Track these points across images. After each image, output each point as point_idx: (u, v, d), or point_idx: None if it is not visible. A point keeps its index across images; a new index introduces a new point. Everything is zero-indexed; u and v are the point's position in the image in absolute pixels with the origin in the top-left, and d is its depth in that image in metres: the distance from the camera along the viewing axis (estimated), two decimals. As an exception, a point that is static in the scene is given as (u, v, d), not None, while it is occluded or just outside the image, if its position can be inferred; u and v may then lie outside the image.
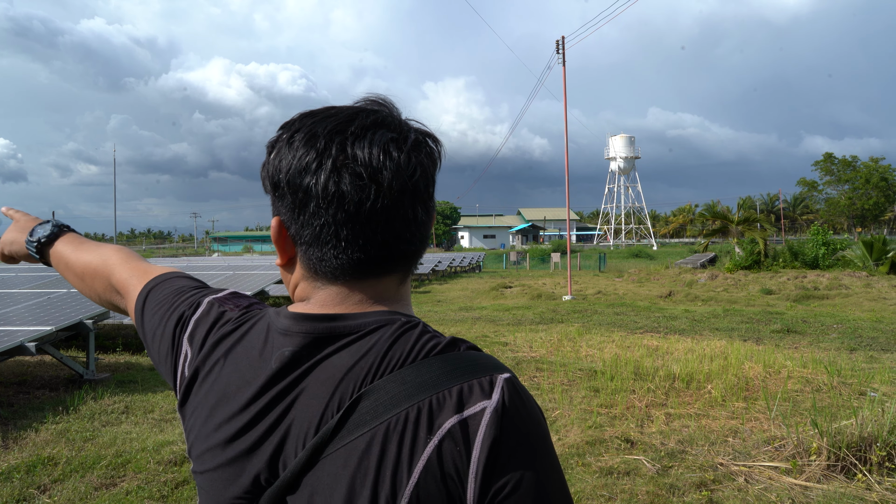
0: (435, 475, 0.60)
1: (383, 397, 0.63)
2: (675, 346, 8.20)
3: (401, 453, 0.60)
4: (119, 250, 1.04)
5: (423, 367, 0.64)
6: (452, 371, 0.64)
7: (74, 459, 4.17)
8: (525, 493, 0.60)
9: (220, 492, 0.69)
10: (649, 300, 16.04)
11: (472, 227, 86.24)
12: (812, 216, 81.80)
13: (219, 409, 0.71)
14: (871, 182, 68.32)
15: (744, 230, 28.37)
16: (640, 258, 45.11)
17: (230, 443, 0.69)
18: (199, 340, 0.78)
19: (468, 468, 0.60)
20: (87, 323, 6.51)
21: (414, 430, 0.61)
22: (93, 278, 1.00)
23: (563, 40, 18.55)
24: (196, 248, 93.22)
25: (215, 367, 0.74)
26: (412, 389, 0.63)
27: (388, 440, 0.61)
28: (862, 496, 3.46)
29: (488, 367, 0.65)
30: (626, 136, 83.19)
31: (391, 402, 0.63)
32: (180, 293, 0.87)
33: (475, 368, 0.65)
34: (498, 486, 0.60)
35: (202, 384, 0.75)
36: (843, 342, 8.87)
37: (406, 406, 0.62)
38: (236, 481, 0.68)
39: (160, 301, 0.87)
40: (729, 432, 4.60)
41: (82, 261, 1.02)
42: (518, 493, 0.60)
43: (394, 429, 0.61)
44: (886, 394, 5.50)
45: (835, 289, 17.18)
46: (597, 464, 4.02)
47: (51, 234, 1.07)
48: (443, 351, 0.66)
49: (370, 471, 0.61)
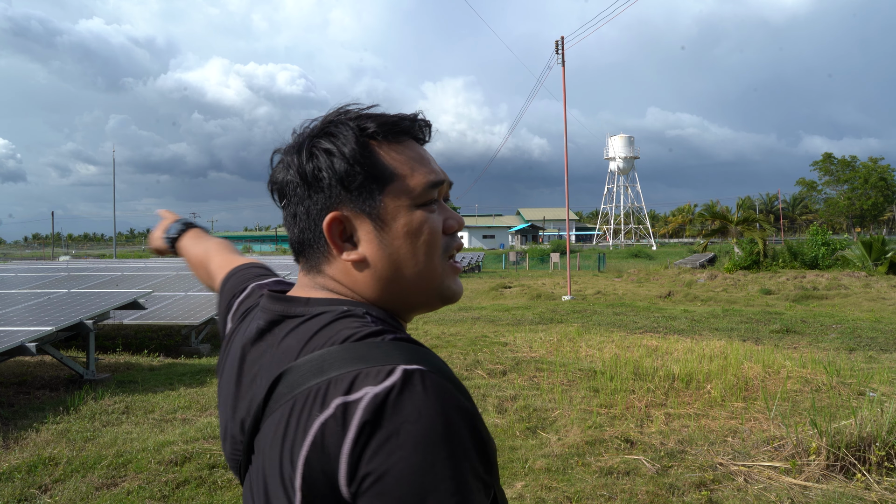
0: (318, 450, 0.63)
1: (296, 375, 0.69)
2: (674, 346, 8.21)
3: (298, 426, 0.65)
4: (219, 243, 1.27)
5: (335, 350, 0.69)
6: (358, 357, 0.67)
7: (75, 459, 4.17)
8: (387, 488, 0.60)
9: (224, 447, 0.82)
10: (649, 300, 16.05)
11: (471, 227, 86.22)
12: (811, 216, 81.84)
13: (223, 378, 0.85)
14: (870, 182, 68.32)
15: (743, 230, 28.39)
16: (640, 258, 45.14)
17: (222, 406, 0.83)
18: (237, 318, 0.93)
19: (341, 449, 0.62)
20: (87, 323, 6.51)
21: (311, 406, 0.65)
22: (199, 267, 1.26)
23: (563, 41, 18.57)
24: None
25: (233, 340, 0.88)
26: (319, 369, 0.67)
27: (293, 413, 0.66)
28: (861, 496, 3.47)
29: (397, 358, 0.67)
30: (625, 137, 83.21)
31: (301, 380, 0.68)
32: (244, 280, 1.04)
33: (381, 357, 0.67)
34: (364, 473, 0.61)
35: (225, 355, 0.88)
36: (842, 342, 8.89)
37: (313, 383, 0.66)
38: (226, 441, 0.81)
39: (230, 287, 1.04)
40: (728, 432, 4.61)
41: (193, 252, 1.29)
42: (380, 485, 0.60)
43: (299, 403, 0.66)
44: (885, 394, 5.52)
45: (834, 289, 17.20)
46: (596, 464, 4.03)
47: (179, 230, 1.35)
48: (363, 338, 0.70)
49: (281, 439, 0.66)
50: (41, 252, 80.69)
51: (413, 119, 0.84)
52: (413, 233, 0.79)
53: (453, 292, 0.83)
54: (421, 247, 0.79)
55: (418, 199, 0.80)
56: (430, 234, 0.80)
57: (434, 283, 0.81)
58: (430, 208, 0.81)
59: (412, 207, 0.80)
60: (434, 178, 0.82)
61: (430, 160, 0.84)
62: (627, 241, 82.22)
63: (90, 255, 68.54)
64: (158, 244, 1.38)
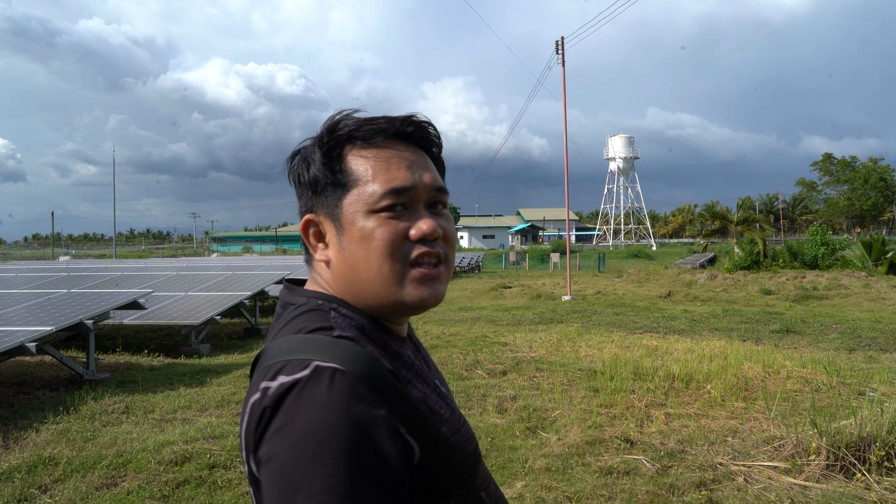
0: (248, 424, 0.71)
1: (262, 358, 0.78)
2: (674, 346, 8.21)
3: (247, 400, 0.74)
4: None
5: (285, 339, 0.77)
6: (293, 349, 0.74)
7: (75, 459, 4.17)
8: (269, 474, 0.66)
9: None
10: (648, 300, 16.05)
11: (471, 227, 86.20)
12: (811, 216, 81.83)
13: None
14: (869, 182, 68.32)
15: (743, 230, 28.38)
16: (640, 258, 45.14)
17: None
18: None
19: (251, 428, 0.70)
20: (87, 323, 6.51)
21: (253, 386, 0.74)
22: None
23: (563, 41, 18.57)
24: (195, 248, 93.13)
25: None
26: (271, 355, 0.76)
27: (249, 388, 0.76)
28: (861, 496, 3.47)
29: (321, 354, 0.72)
30: (625, 137, 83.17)
31: (262, 362, 0.77)
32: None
33: (307, 351, 0.73)
34: (260, 455, 0.68)
35: None
36: (842, 342, 8.89)
37: (265, 365, 0.75)
38: None
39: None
40: (728, 432, 4.61)
41: None
42: (266, 469, 0.67)
43: (253, 381, 0.76)
44: (885, 394, 5.52)
45: (834, 289, 17.19)
46: (597, 463, 4.03)
47: None
48: (311, 332, 0.77)
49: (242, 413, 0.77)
50: (41, 252, 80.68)
51: (395, 119, 0.85)
52: (365, 238, 0.80)
53: (414, 299, 0.81)
54: (373, 253, 0.80)
55: (374, 206, 0.81)
56: (381, 240, 0.80)
57: (391, 290, 0.81)
58: (390, 214, 0.81)
59: (368, 213, 0.81)
60: (395, 185, 0.81)
61: (406, 164, 0.83)
62: (627, 241, 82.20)
63: (90, 255, 68.55)
64: None
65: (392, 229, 0.80)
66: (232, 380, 6.76)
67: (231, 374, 7.03)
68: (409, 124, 0.86)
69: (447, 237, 0.85)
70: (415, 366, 0.85)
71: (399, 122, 0.85)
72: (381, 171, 0.82)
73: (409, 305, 0.82)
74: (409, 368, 0.83)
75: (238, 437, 0.75)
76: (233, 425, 4.96)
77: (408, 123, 0.85)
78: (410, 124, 0.86)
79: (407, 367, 0.83)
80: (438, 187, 0.85)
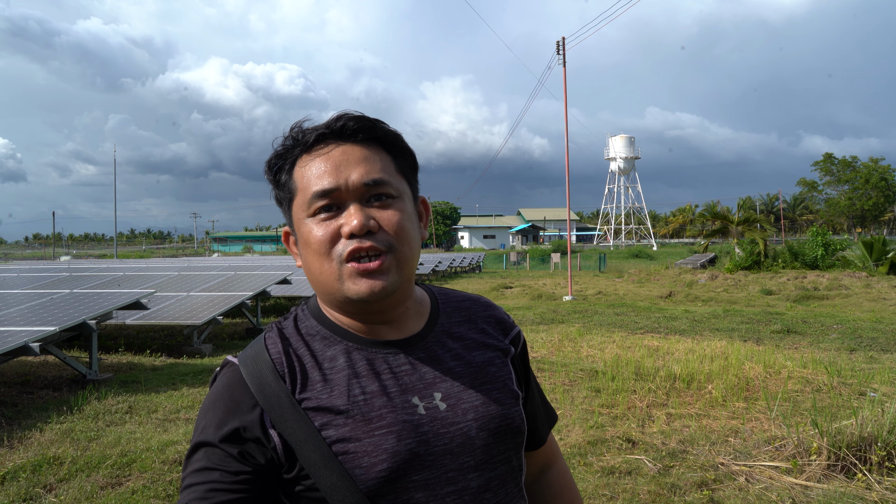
0: None
1: None
2: (675, 346, 8.22)
3: None
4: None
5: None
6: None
7: (80, 459, 4.19)
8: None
9: None
10: (649, 300, 16.05)
11: (471, 227, 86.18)
12: (812, 216, 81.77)
13: None
14: (870, 182, 68.28)
15: (744, 230, 28.38)
16: (640, 258, 45.10)
17: None
18: None
19: None
20: (91, 323, 6.53)
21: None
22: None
23: (564, 41, 18.57)
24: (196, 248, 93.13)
25: None
26: None
27: None
28: (862, 496, 3.48)
29: (245, 347, 0.92)
30: (625, 137, 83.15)
31: None
32: None
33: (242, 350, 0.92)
34: None
35: None
36: (843, 342, 8.89)
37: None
38: None
39: None
40: (729, 432, 4.62)
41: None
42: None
43: None
44: (886, 394, 5.53)
45: (835, 289, 17.19)
46: (598, 463, 4.04)
47: None
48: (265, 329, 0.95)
49: None
50: (42, 252, 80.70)
51: (319, 127, 0.88)
52: (306, 242, 0.87)
53: (353, 292, 0.84)
54: (313, 255, 0.86)
55: (309, 210, 0.86)
56: (316, 242, 0.85)
57: (333, 287, 0.86)
58: (325, 216, 0.85)
59: (306, 218, 0.87)
60: (319, 188, 0.85)
61: (332, 165, 0.85)
62: (628, 241, 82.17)
63: (91, 255, 68.57)
64: None
65: (324, 230, 0.85)
66: (234, 380, 6.77)
67: (233, 374, 7.03)
68: (337, 120, 0.87)
69: (390, 227, 0.85)
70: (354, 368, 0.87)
71: (326, 123, 0.88)
72: (312, 176, 0.86)
73: (352, 300, 0.85)
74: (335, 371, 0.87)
75: None
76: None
77: (335, 120, 0.88)
78: (338, 119, 0.87)
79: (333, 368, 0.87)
80: (372, 181, 0.85)
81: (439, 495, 0.83)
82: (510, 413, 0.93)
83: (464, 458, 0.86)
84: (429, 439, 0.84)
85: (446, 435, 0.86)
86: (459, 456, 0.86)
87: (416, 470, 0.83)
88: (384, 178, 0.87)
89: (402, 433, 0.83)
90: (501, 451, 0.91)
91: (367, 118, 0.89)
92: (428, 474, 0.83)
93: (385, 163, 0.89)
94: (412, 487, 0.82)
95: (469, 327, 0.99)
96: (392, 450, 0.82)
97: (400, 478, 0.82)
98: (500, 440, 0.90)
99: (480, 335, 0.99)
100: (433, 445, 0.84)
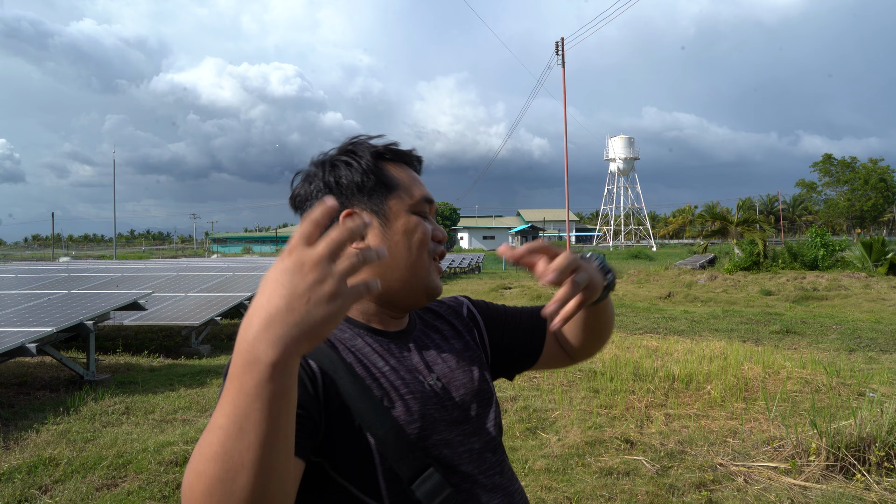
0: None
1: None
2: (674, 346, 8.21)
3: None
4: None
5: None
6: None
7: (75, 460, 4.17)
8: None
9: None
10: (649, 301, 16.05)
11: (471, 227, 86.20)
12: (811, 217, 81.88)
13: None
14: (869, 183, 68.37)
15: (743, 231, 28.36)
16: (640, 259, 45.09)
17: None
18: None
19: None
20: (88, 324, 6.51)
21: None
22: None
23: (563, 42, 18.59)
24: (195, 249, 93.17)
25: None
26: None
27: None
28: (861, 496, 3.47)
29: None
30: (625, 138, 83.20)
31: None
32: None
33: None
34: None
35: None
36: (842, 343, 8.88)
37: None
38: None
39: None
40: (728, 433, 4.61)
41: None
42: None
43: None
44: (885, 394, 5.51)
45: (834, 290, 17.18)
46: (596, 464, 4.03)
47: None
48: None
49: None
50: (41, 253, 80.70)
51: (411, 152, 1.09)
52: (409, 231, 1.01)
53: (435, 286, 1.04)
54: (415, 243, 1.00)
55: (415, 207, 1.02)
56: (422, 234, 1.01)
57: (421, 275, 1.01)
58: (422, 217, 1.03)
59: (409, 212, 1.02)
60: (428, 195, 1.06)
61: (422, 183, 1.08)
62: (627, 242, 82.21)
63: (90, 255, 68.58)
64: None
65: (426, 229, 1.02)
66: (232, 380, 6.75)
67: (231, 375, 7.02)
68: (417, 158, 1.10)
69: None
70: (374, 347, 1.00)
71: (411, 154, 1.09)
72: (415, 183, 1.05)
73: (432, 291, 1.03)
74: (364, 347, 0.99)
75: None
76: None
77: (418, 157, 1.10)
78: (418, 157, 1.10)
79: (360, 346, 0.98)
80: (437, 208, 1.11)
81: (457, 453, 0.99)
82: (487, 388, 1.11)
83: (465, 426, 1.02)
84: (440, 408, 1.00)
85: (449, 406, 1.01)
86: (462, 424, 1.02)
87: (437, 432, 0.98)
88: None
89: (424, 400, 0.98)
90: (489, 419, 1.08)
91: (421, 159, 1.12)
92: (446, 435, 0.99)
93: None
94: (440, 444, 0.97)
95: (441, 322, 1.17)
96: (420, 412, 0.96)
97: (429, 436, 0.96)
98: (485, 410, 1.08)
99: (449, 327, 1.17)
100: (443, 413, 1.00)
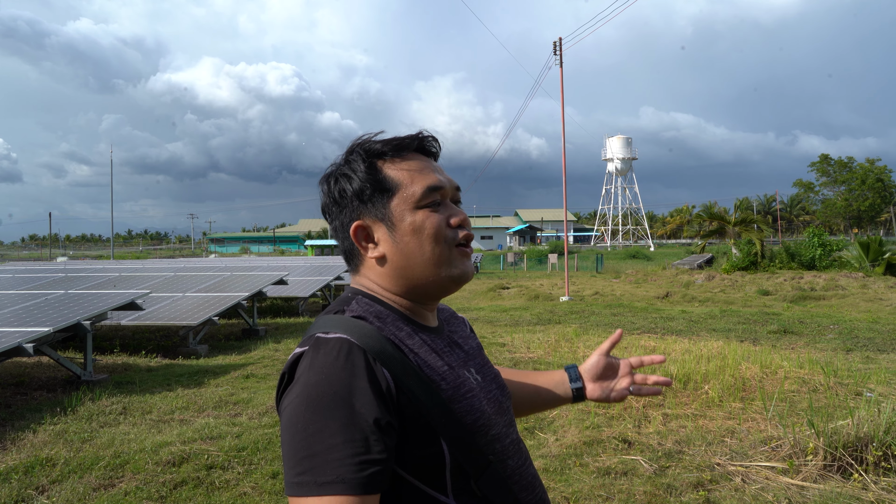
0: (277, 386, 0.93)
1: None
2: (672, 346, 8.21)
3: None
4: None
5: (315, 320, 0.99)
6: (314, 326, 0.96)
7: (72, 460, 4.16)
8: (281, 421, 0.86)
9: None
10: (646, 301, 16.06)
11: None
12: (809, 217, 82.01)
13: None
14: (867, 183, 68.50)
15: (741, 231, 28.39)
16: (638, 259, 45.13)
17: None
18: None
19: (277, 388, 0.92)
20: (85, 324, 6.50)
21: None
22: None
23: (561, 42, 18.58)
24: (193, 249, 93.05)
25: None
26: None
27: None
28: (858, 496, 3.48)
29: (327, 328, 0.92)
30: (623, 138, 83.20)
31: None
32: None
33: (319, 327, 0.94)
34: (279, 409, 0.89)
35: None
36: (839, 343, 8.90)
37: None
38: None
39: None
40: (726, 432, 4.62)
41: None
42: (281, 419, 0.87)
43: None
44: (882, 394, 5.53)
45: (831, 290, 17.21)
46: (594, 464, 4.03)
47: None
48: (328, 313, 0.98)
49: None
50: (39, 253, 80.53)
51: (414, 137, 1.05)
52: (417, 229, 0.99)
53: (461, 272, 1.02)
54: (426, 240, 0.99)
55: (419, 203, 1.00)
56: (431, 227, 0.99)
57: (441, 268, 1.00)
58: (432, 209, 1.00)
59: (414, 209, 1.00)
60: (431, 183, 1.01)
61: (431, 169, 1.04)
62: (625, 241, 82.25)
63: (87, 255, 68.47)
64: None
65: (436, 220, 1.00)
66: (230, 381, 6.75)
67: (229, 375, 7.02)
68: (426, 140, 1.06)
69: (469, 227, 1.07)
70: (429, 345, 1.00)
71: (419, 138, 1.05)
72: (417, 175, 1.01)
73: (458, 278, 1.02)
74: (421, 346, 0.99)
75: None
76: (230, 426, 4.96)
77: (425, 139, 1.06)
78: (426, 139, 1.06)
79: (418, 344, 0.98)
80: (457, 186, 1.07)
81: (505, 445, 1.01)
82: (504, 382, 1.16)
83: (505, 416, 1.06)
84: (487, 402, 1.02)
85: (492, 399, 1.04)
86: (502, 415, 1.05)
87: (491, 427, 0.99)
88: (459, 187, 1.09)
89: (481, 396, 1.00)
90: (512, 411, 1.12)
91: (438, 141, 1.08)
92: (497, 430, 1.00)
93: None
94: (495, 439, 0.99)
95: (455, 324, 1.19)
96: (480, 409, 0.98)
97: (488, 431, 0.98)
98: (510, 403, 1.12)
99: (463, 328, 1.21)
100: (490, 407, 1.02)
